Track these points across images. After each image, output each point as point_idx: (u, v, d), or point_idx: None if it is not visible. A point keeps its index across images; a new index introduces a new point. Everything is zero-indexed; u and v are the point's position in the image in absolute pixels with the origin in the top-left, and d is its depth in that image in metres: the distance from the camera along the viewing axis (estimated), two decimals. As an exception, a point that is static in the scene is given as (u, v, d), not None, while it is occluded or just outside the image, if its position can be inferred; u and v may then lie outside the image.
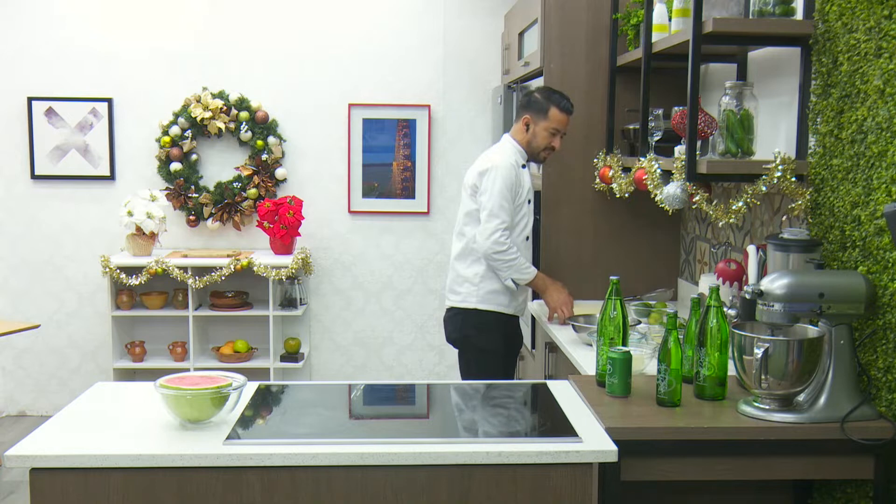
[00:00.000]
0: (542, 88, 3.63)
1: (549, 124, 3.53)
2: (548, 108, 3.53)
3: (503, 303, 3.60)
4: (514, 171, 3.52)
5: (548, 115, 3.52)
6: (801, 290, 2.20)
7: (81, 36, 5.15)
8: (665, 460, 2.19)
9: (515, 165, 3.54)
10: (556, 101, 3.54)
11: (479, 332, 3.58)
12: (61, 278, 5.32)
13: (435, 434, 2.19)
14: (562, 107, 3.55)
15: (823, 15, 2.55)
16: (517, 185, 3.53)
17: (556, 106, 3.53)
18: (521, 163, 3.59)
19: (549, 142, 3.55)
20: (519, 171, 3.56)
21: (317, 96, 5.27)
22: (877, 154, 2.28)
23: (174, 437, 2.10)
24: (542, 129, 3.54)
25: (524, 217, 3.61)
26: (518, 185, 3.55)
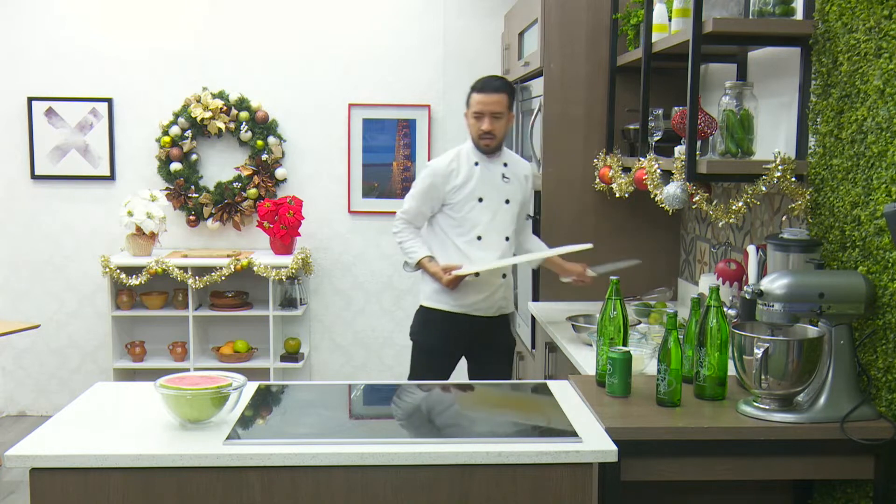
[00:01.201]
0: None
1: (471, 110, 3.49)
2: (469, 95, 3.52)
3: (446, 301, 3.57)
4: (442, 171, 3.51)
5: (469, 101, 3.50)
6: (801, 290, 2.20)
7: (81, 36, 5.15)
8: (665, 460, 2.19)
9: (449, 165, 3.52)
10: (473, 85, 3.51)
11: (421, 330, 3.67)
12: (61, 278, 5.32)
13: (435, 434, 2.19)
14: (475, 87, 3.49)
15: (823, 15, 2.55)
16: (443, 184, 3.51)
17: (472, 89, 3.50)
18: (475, 160, 3.53)
19: (478, 126, 3.47)
20: (456, 169, 3.51)
21: (317, 96, 5.27)
22: (877, 154, 2.28)
23: (174, 437, 2.10)
24: (470, 117, 3.51)
25: (472, 213, 3.52)
26: (447, 181, 3.51)
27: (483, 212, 3.52)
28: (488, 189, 3.53)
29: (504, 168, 3.57)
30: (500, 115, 3.47)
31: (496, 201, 3.54)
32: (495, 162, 3.55)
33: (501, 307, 3.64)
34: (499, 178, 3.55)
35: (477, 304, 3.57)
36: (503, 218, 3.56)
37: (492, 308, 3.60)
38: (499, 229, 3.55)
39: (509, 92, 3.51)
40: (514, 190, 3.57)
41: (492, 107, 3.45)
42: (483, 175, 3.53)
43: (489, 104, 3.45)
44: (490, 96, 3.44)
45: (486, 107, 3.45)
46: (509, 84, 3.55)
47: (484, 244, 3.54)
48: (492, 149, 3.51)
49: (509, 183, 3.56)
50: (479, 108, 3.46)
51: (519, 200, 3.61)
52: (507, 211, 3.56)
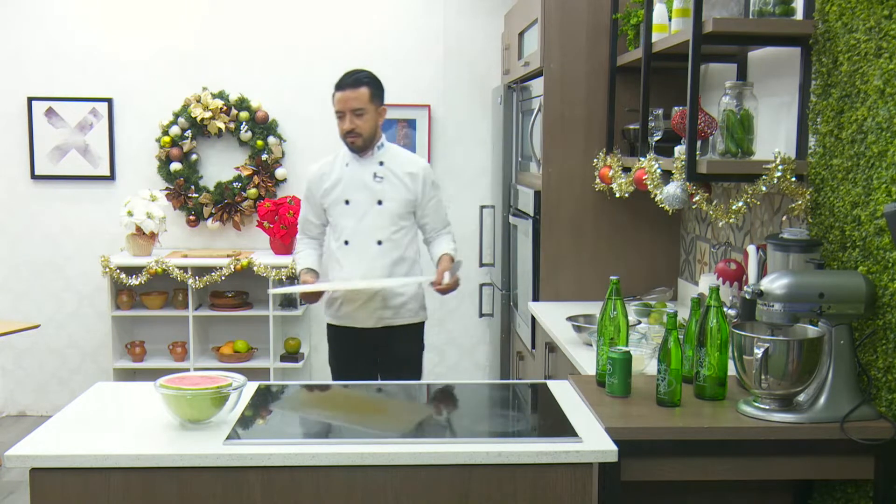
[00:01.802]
0: None
1: (334, 109, 3.34)
2: (333, 95, 3.35)
3: (328, 314, 3.53)
4: (315, 174, 3.43)
5: (332, 100, 3.34)
6: (801, 290, 2.20)
7: (81, 36, 5.15)
8: (665, 460, 2.19)
9: (322, 168, 3.43)
10: (335, 85, 3.35)
11: (328, 348, 3.62)
12: (61, 278, 5.32)
13: (435, 434, 2.19)
14: (336, 85, 3.34)
15: (823, 15, 2.55)
16: (317, 188, 3.42)
17: (334, 89, 3.34)
18: (346, 161, 3.41)
19: (341, 126, 3.33)
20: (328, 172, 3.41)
21: (317, 96, 5.26)
22: (877, 154, 2.28)
23: (174, 437, 2.10)
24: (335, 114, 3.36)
25: (341, 218, 3.40)
26: (318, 185, 3.42)
27: (349, 215, 3.38)
28: (356, 190, 3.37)
29: (378, 167, 3.39)
30: (362, 110, 3.29)
31: (365, 203, 3.37)
32: (368, 161, 3.39)
33: (384, 318, 3.44)
34: (369, 177, 3.37)
35: (353, 314, 3.43)
36: (374, 221, 3.37)
37: (370, 319, 3.43)
38: (368, 233, 3.38)
39: (371, 84, 3.33)
40: (389, 190, 3.37)
41: (351, 103, 3.28)
42: (352, 176, 3.39)
43: (348, 101, 3.28)
44: (348, 92, 3.28)
45: (346, 104, 3.29)
46: (371, 76, 3.36)
47: (351, 249, 3.39)
48: (360, 147, 3.35)
49: (383, 182, 3.37)
50: (339, 107, 3.31)
51: (399, 200, 3.39)
52: (380, 213, 3.37)
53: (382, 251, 3.38)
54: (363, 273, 3.37)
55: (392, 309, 3.45)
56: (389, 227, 3.38)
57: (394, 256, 3.40)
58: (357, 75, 3.32)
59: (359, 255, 3.37)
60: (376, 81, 3.36)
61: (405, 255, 3.44)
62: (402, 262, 3.43)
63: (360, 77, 3.31)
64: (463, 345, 5.51)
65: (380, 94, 3.38)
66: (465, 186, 5.37)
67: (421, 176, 3.43)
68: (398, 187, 3.38)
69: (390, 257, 3.39)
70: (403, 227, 3.42)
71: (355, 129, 3.29)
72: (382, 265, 3.39)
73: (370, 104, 3.31)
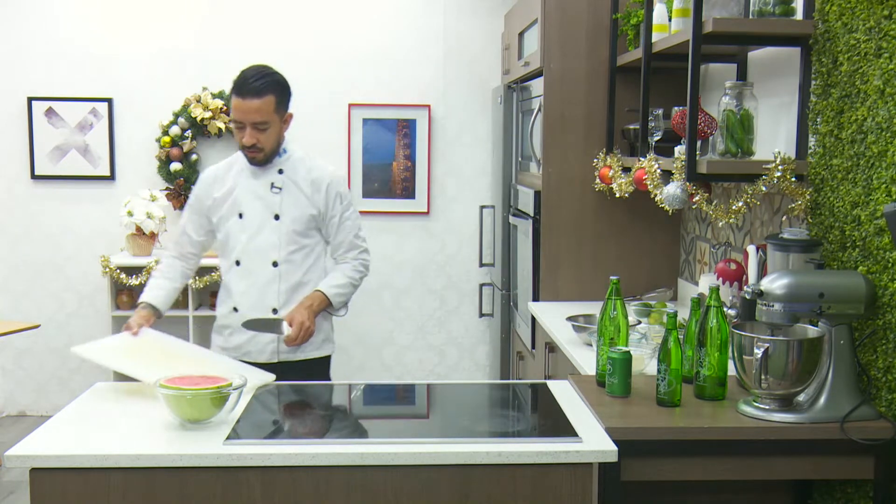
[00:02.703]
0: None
1: (231, 115, 2.86)
2: (230, 96, 2.86)
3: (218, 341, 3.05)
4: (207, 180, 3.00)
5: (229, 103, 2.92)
6: (801, 290, 2.20)
7: (81, 36, 5.16)
8: (665, 460, 2.19)
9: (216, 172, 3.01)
10: (233, 82, 2.84)
11: None
12: (61, 278, 5.32)
13: (435, 434, 2.19)
14: (233, 87, 2.83)
15: (823, 15, 2.55)
16: (206, 196, 2.97)
17: (232, 88, 2.84)
18: (242, 167, 2.95)
19: (238, 137, 2.85)
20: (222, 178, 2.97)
21: (317, 96, 5.26)
22: (877, 154, 2.28)
23: (174, 437, 2.10)
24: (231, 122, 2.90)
25: (232, 234, 2.93)
26: (209, 192, 2.97)
27: (243, 230, 2.91)
28: (251, 202, 2.91)
29: (276, 176, 2.92)
30: (266, 124, 2.81)
31: (261, 217, 2.90)
32: (267, 169, 2.92)
33: (281, 351, 2.95)
34: (265, 188, 2.90)
35: (244, 346, 2.95)
36: (269, 238, 2.90)
37: (264, 352, 2.95)
38: (262, 252, 2.90)
39: (277, 91, 2.84)
40: (288, 203, 2.91)
41: (253, 116, 2.78)
42: (247, 185, 2.92)
43: (249, 113, 2.78)
44: (250, 101, 2.77)
45: (246, 115, 2.79)
46: (277, 81, 2.86)
47: (243, 272, 2.92)
48: (261, 162, 2.90)
49: (281, 193, 2.90)
50: (238, 117, 2.81)
51: (299, 215, 2.91)
52: (276, 230, 2.90)
53: (278, 274, 2.91)
54: (253, 301, 2.92)
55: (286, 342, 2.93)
56: (287, 246, 2.91)
57: (291, 281, 2.93)
58: (261, 81, 2.79)
59: (250, 278, 2.92)
60: (283, 86, 2.88)
61: (305, 279, 2.96)
62: (302, 287, 2.94)
63: (264, 84, 2.80)
64: (463, 345, 5.51)
65: (286, 100, 2.90)
66: (465, 186, 5.37)
67: (325, 185, 2.94)
68: (299, 200, 2.91)
69: (287, 282, 2.92)
70: (305, 247, 2.95)
71: (257, 144, 2.83)
72: (278, 291, 2.92)
73: (275, 115, 2.84)
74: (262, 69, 2.86)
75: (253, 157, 2.88)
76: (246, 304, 2.93)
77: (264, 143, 2.83)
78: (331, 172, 3.01)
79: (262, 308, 2.92)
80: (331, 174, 3.00)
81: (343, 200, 2.99)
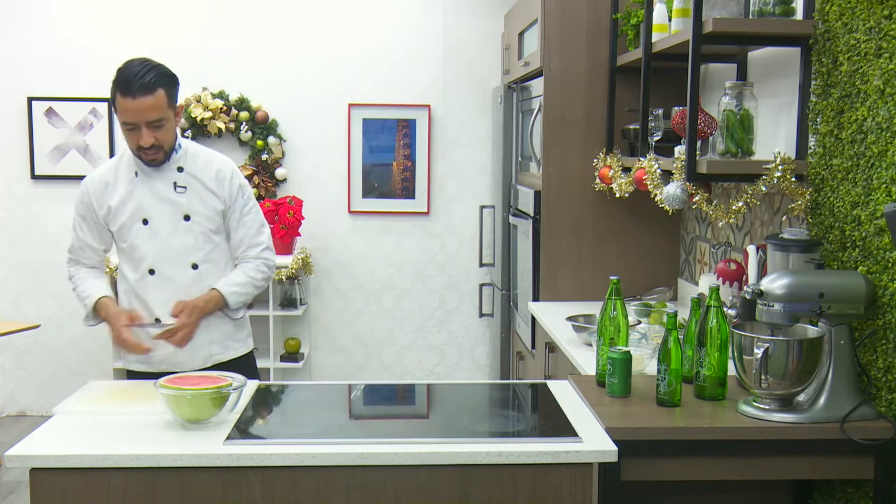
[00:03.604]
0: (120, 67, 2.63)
1: (119, 118, 2.60)
2: (112, 94, 2.60)
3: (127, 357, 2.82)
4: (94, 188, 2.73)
5: (115, 104, 2.59)
6: (801, 290, 2.20)
7: (81, 36, 5.16)
8: (665, 460, 2.19)
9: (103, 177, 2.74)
10: (115, 81, 2.58)
11: None
12: (61, 278, 5.30)
13: (435, 434, 2.19)
14: (119, 86, 2.56)
15: (823, 15, 2.55)
16: (98, 205, 2.73)
17: (114, 87, 2.58)
18: (135, 170, 2.70)
19: (135, 140, 2.58)
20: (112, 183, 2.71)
21: (317, 96, 5.26)
22: (877, 154, 2.28)
23: (174, 437, 2.10)
24: (120, 125, 2.62)
25: (139, 241, 2.70)
26: (101, 201, 2.72)
27: (151, 237, 2.70)
28: (154, 205, 2.69)
29: (178, 174, 2.70)
30: (162, 121, 2.57)
31: (169, 220, 2.69)
32: (164, 168, 2.69)
33: (213, 354, 2.78)
34: (168, 188, 2.69)
35: (171, 358, 2.72)
36: (183, 241, 2.70)
37: (196, 359, 2.75)
38: (178, 257, 2.71)
39: (167, 83, 2.59)
40: (196, 201, 2.71)
41: (147, 115, 2.54)
42: (146, 188, 2.69)
43: (143, 112, 2.54)
44: (141, 100, 2.53)
45: (140, 115, 2.54)
46: (164, 73, 2.60)
47: (160, 280, 2.71)
48: (160, 162, 2.67)
49: (186, 193, 2.70)
50: (130, 119, 2.56)
51: (209, 212, 2.72)
52: (189, 230, 2.70)
53: (199, 276, 2.72)
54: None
55: (219, 342, 2.79)
56: (204, 246, 2.72)
57: (213, 282, 2.74)
58: (149, 76, 2.54)
59: (169, 285, 2.70)
60: (171, 77, 2.63)
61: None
62: None
63: (153, 79, 2.55)
64: (463, 345, 5.51)
65: (176, 92, 2.65)
66: (465, 186, 5.38)
67: (228, 176, 2.75)
68: (205, 196, 2.72)
69: (209, 283, 2.73)
70: (221, 245, 2.77)
71: (155, 143, 2.59)
72: (201, 293, 2.71)
73: (169, 110, 2.60)
74: (145, 62, 2.59)
75: (153, 159, 2.63)
76: (168, 312, 2.66)
77: (163, 140, 2.61)
78: (228, 161, 2.82)
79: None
80: (232, 165, 2.81)
81: (244, 193, 2.78)
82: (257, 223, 2.82)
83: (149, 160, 2.64)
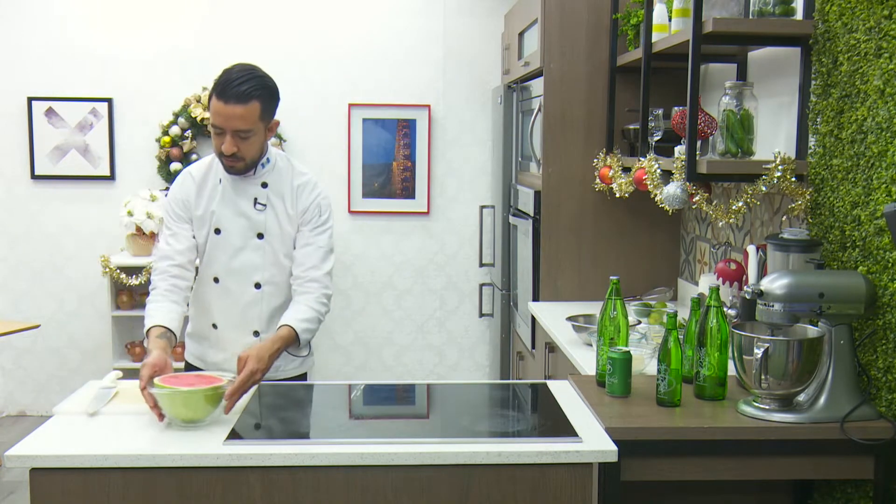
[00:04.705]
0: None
1: (210, 120, 2.52)
2: (209, 96, 2.52)
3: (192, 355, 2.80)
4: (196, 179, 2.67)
5: (209, 105, 2.51)
6: (801, 290, 2.20)
7: (81, 36, 5.16)
8: (665, 460, 2.19)
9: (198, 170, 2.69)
10: (215, 82, 2.50)
11: None
12: (61, 278, 5.32)
13: (435, 434, 2.19)
14: (215, 88, 2.48)
15: (823, 15, 2.55)
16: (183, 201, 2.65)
17: (212, 88, 2.50)
18: (220, 176, 2.63)
19: (217, 144, 2.52)
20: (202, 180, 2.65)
21: (317, 96, 5.27)
22: (877, 154, 2.28)
23: (174, 437, 2.10)
24: (210, 127, 2.56)
25: (209, 246, 2.65)
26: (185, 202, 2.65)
27: (220, 248, 2.64)
28: (231, 218, 2.62)
29: (260, 190, 2.62)
30: (249, 132, 2.49)
31: (241, 236, 2.63)
32: (248, 180, 2.62)
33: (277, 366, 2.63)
34: (248, 203, 2.62)
35: (221, 365, 2.70)
36: (251, 259, 2.63)
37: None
38: (243, 273, 2.64)
39: (264, 97, 2.49)
40: (273, 221, 2.63)
41: (236, 123, 2.46)
42: (227, 198, 2.63)
43: (232, 120, 2.46)
44: (233, 108, 2.44)
45: (228, 122, 2.46)
46: (265, 85, 2.51)
47: (222, 290, 2.67)
48: (240, 171, 2.59)
49: (265, 211, 2.62)
50: (219, 122, 2.48)
51: (285, 234, 2.64)
52: (260, 249, 2.63)
53: (260, 297, 2.66)
54: (235, 322, 2.68)
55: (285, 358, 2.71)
56: (271, 267, 2.65)
57: (274, 304, 2.68)
58: (246, 85, 2.46)
59: (231, 298, 2.67)
60: (271, 91, 2.54)
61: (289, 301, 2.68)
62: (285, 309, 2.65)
63: (250, 89, 2.46)
64: (463, 345, 5.51)
65: (273, 106, 2.56)
66: (465, 186, 5.38)
67: (308, 190, 2.67)
68: (283, 218, 2.64)
69: (269, 305, 2.68)
70: (287, 269, 2.67)
71: (237, 154, 2.51)
72: (259, 314, 2.67)
73: (259, 123, 2.51)
74: (248, 70, 2.52)
75: (231, 167, 2.56)
76: (226, 323, 2.68)
77: (245, 152, 2.52)
78: (316, 181, 2.72)
79: (244, 329, 2.68)
80: (316, 182, 2.71)
81: (322, 213, 2.67)
82: (326, 248, 2.67)
83: (227, 166, 2.56)
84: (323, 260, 2.65)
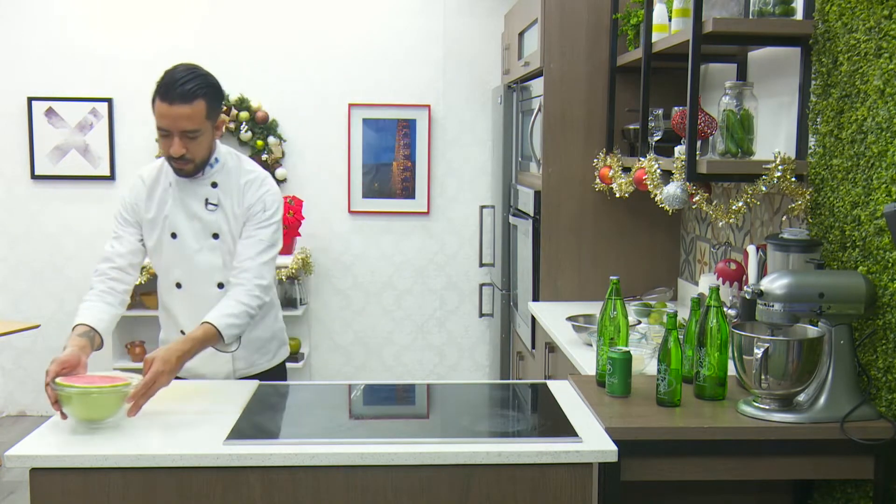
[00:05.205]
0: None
1: (156, 122, 2.47)
2: (153, 97, 2.47)
3: None
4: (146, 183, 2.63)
5: (153, 106, 2.47)
6: (801, 290, 2.20)
7: (81, 36, 5.16)
8: (665, 460, 2.19)
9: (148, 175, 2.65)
10: (157, 83, 2.47)
11: None
12: (61, 278, 5.32)
13: (435, 434, 2.19)
14: (158, 89, 2.45)
15: (823, 15, 2.55)
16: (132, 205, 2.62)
17: (155, 90, 2.47)
18: (170, 179, 2.59)
19: (164, 147, 2.48)
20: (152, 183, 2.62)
21: (317, 96, 5.27)
22: (877, 154, 2.28)
23: (174, 437, 2.10)
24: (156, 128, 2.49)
25: (167, 254, 2.61)
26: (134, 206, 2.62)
27: (177, 252, 2.60)
28: (184, 221, 2.58)
29: (210, 190, 2.58)
30: (197, 132, 2.45)
31: (197, 238, 2.59)
32: (198, 181, 2.58)
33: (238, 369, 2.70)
34: (199, 204, 2.58)
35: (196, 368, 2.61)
36: (210, 260, 2.60)
37: (219, 374, 2.68)
38: (204, 275, 2.61)
39: (209, 95, 2.47)
40: (226, 219, 2.59)
41: (182, 123, 2.42)
42: (178, 201, 2.58)
43: (178, 120, 2.42)
44: (178, 108, 2.41)
45: (174, 123, 2.42)
46: (209, 82, 2.50)
47: (186, 295, 2.64)
48: (189, 173, 2.54)
49: (217, 211, 2.58)
50: (164, 124, 2.44)
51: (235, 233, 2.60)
52: (216, 249, 2.60)
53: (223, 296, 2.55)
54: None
55: (244, 359, 2.71)
56: (229, 266, 2.60)
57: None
58: (191, 84, 2.43)
59: (194, 302, 2.61)
60: (215, 89, 2.52)
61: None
62: None
63: (195, 88, 2.43)
64: (463, 345, 5.51)
65: (218, 104, 2.53)
66: (465, 186, 5.38)
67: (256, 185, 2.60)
68: (237, 215, 2.59)
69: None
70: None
71: (185, 155, 2.46)
72: None
73: (206, 122, 2.47)
74: (191, 69, 2.49)
75: (180, 169, 2.51)
76: (193, 327, 2.50)
77: (194, 153, 2.48)
78: (264, 179, 2.64)
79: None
80: (263, 180, 2.63)
81: (267, 209, 2.58)
82: (267, 242, 2.58)
83: (177, 169, 2.52)
84: (261, 252, 2.56)
